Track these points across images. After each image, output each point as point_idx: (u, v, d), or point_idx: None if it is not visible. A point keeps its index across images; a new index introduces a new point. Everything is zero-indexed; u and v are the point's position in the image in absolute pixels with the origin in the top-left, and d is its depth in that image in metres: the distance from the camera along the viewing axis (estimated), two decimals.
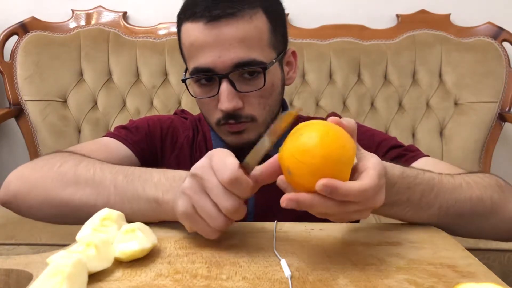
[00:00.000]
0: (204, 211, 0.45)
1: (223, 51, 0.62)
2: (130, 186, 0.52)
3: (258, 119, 0.67)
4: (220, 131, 0.69)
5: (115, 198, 0.53)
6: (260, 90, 0.65)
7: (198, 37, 0.63)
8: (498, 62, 1.58)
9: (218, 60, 0.63)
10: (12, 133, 1.67)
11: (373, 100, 1.60)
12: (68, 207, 0.56)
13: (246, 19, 0.63)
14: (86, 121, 1.55)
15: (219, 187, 0.43)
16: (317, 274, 0.43)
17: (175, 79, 1.57)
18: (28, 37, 1.55)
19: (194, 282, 0.41)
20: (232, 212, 0.44)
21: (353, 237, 0.52)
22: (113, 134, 0.73)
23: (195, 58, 0.65)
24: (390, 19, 1.66)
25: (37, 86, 1.53)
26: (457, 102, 1.59)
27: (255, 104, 0.66)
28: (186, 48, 0.67)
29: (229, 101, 0.63)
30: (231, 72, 0.63)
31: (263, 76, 0.65)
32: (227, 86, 0.63)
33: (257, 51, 0.64)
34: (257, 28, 0.64)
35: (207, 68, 0.64)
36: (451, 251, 0.49)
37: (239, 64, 0.63)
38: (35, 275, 0.41)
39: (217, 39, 0.62)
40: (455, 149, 1.57)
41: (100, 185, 0.54)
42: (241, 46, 0.63)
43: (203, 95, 0.67)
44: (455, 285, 0.37)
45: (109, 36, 1.58)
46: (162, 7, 1.66)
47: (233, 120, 0.65)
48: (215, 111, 0.67)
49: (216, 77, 0.64)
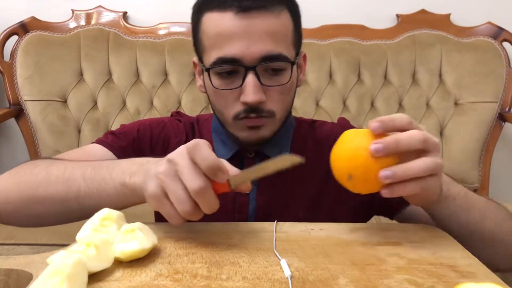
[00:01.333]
0: (173, 194, 0.45)
1: (252, 42, 0.62)
2: (97, 175, 0.54)
3: (277, 115, 0.66)
4: (235, 126, 0.67)
5: (84, 189, 0.54)
6: (282, 86, 0.65)
7: (227, 26, 0.62)
8: (498, 62, 1.58)
9: (246, 51, 0.62)
10: (12, 133, 1.67)
11: (373, 100, 1.60)
12: (41, 204, 0.57)
13: (275, 13, 0.63)
14: (86, 121, 1.55)
15: (191, 168, 0.45)
16: (317, 274, 0.43)
17: (175, 79, 1.57)
18: (28, 37, 1.55)
19: (194, 282, 0.41)
20: (200, 194, 0.44)
21: (353, 237, 0.52)
22: (101, 140, 0.73)
23: (220, 48, 0.63)
24: (390, 19, 1.66)
25: (37, 86, 1.53)
26: (457, 102, 1.59)
27: (276, 100, 0.65)
28: (210, 37, 0.65)
29: (255, 93, 0.62)
30: (258, 64, 0.62)
31: (287, 72, 0.65)
32: (254, 78, 0.62)
33: (284, 47, 0.64)
34: (284, 25, 0.65)
35: (234, 58, 0.62)
36: (451, 251, 0.49)
37: (267, 57, 0.62)
38: (35, 275, 0.41)
39: (247, 30, 0.61)
40: (455, 149, 1.57)
41: (70, 179, 0.55)
42: (270, 39, 0.62)
43: (224, 87, 0.65)
44: (455, 285, 0.37)
45: (109, 36, 1.58)
46: (162, 7, 1.66)
47: (255, 114, 0.64)
48: (235, 104, 0.65)
49: (242, 69, 0.63)
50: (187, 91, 1.57)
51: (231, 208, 0.70)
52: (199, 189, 0.44)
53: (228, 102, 0.66)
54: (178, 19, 1.62)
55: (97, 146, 0.71)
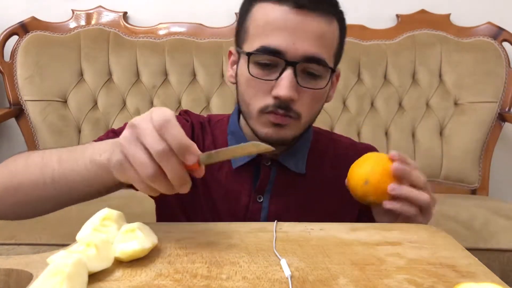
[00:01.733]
0: (134, 158, 0.44)
1: (299, 39, 0.61)
2: (71, 157, 0.53)
3: (303, 119, 0.65)
4: (259, 120, 0.65)
5: (58, 171, 0.54)
6: (314, 92, 0.64)
7: (279, 18, 0.62)
8: (498, 62, 1.58)
9: (292, 46, 0.61)
10: (12, 133, 1.67)
11: (373, 100, 1.60)
12: (20, 191, 0.56)
13: (327, 20, 0.63)
14: (86, 121, 1.55)
15: (153, 131, 0.43)
16: (317, 274, 0.43)
17: (175, 79, 1.57)
18: (28, 37, 1.55)
19: (194, 282, 0.41)
20: (163, 157, 0.42)
21: (353, 237, 0.52)
22: (101, 138, 0.72)
23: (265, 37, 0.63)
24: (390, 19, 1.66)
25: (37, 86, 1.53)
26: (457, 102, 1.59)
27: (305, 104, 0.64)
28: (258, 25, 0.64)
29: (289, 89, 0.61)
30: (299, 62, 0.62)
31: (323, 80, 0.65)
32: (292, 74, 0.62)
33: (327, 54, 0.64)
34: (333, 34, 0.65)
35: (278, 50, 0.62)
36: (451, 251, 0.49)
37: (310, 57, 0.62)
38: (35, 275, 0.41)
39: (298, 26, 0.61)
40: (455, 149, 1.57)
41: (46, 165, 0.55)
42: (316, 41, 0.62)
43: (260, 76, 0.64)
44: (455, 285, 0.37)
45: (109, 36, 1.58)
46: (162, 7, 1.66)
47: (283, 111, 0.63)
48: (265, 97, 0.64)
49: (282, 62, 0.62)
50: (187, 91, 1.57)
51: (243, 214, 0.70)
52: (161, 151, 0.42)
53: (258, 93, 0.64)
54: (178, 19, 1.62)
55: None
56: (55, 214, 0.59)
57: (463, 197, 1.51)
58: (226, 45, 1.58)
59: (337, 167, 0.74)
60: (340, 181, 0.63)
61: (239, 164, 0.71)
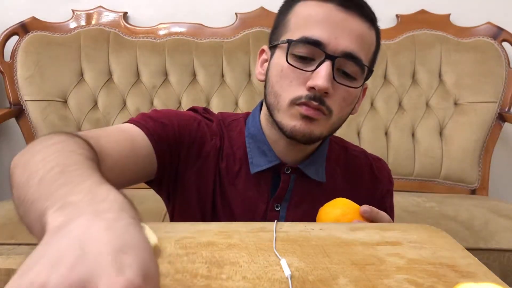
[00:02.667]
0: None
1: (342, 34, 0.62)
2: (45, 189, 0.34)
3: (333, 117, 0.65)
4: (289, 112, 0.64)
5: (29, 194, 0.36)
6: (347, 91, 0.64)
7: (323, 13, 0.63)
8: (498, 62, 1.58)
9: (334, 40, 0.62)
10: (13, 133, 1.67)
11: (373, 100, 1.60)
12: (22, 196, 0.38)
13: (368, 24, 0.65)
14: (87, 121, 1.55)
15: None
16: (317, 274, 0.43)
17: (175, 79, 1.57)
18: (28, 37, 1.55)
19: (194, 282, 0.41)
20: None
21: (353, 237, 0.52)
22: (139, 122, 0.64)
23: (307, 29, 0.63)
24: (390, 19, 1.66)
25: (38, 86, 1.53)
26: (457, 102, 1.59)
27: (338, 101, 0.64)
28: (301, 18, 0.64)
29: (326, 80, 0.60)
30: (339, 56, 0.62)
31: (357, 81, 0.65)
32: (330, 67, 0.61)
33: (365, 56, 0.65)
34: (372, 39, 0.66)
35: (319, 41, 0.61)
36: (451, 251, 0.49)
37: (350, 54, 0.62)
38: None
39: (341, 23, 0.62)
40: (454, 149, 1.57)
41: (36, 171, 0.38)
42: (357, 41, 0.63)
43: (297, 66, 0.63)
44: (455, 285, 0.37)
45: (109, 36, 1.58)
46: (162, 7, 1.66)
47: (317, 103, 0.62)
48: (299, 88, 0.63)
49: (322, 54, 0.62)
50: (187, 91, 1.57)
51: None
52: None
53: (292, 84, 0.63)
54: (178, 19, 1.62)
55: (136, 130, 0.62)
56: None
57: (463, 197, 1.51)
58: (226, 45, 1.58)
59: (349, 175, 0.74)
60: (352, 190, 0.65)
61: (257, 170, 0.69)
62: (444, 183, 1.58)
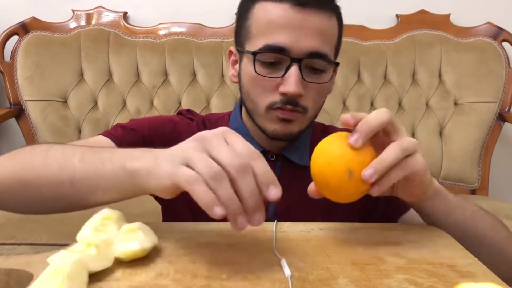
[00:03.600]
0: (207, 172, 0.39)
1: (303, 36, 0.63)
2: (96, 158, 0.49)
3: (309, 113, 0.67)
4: (267, 117, 0.67)
5: (80, 172, 0.49)
6: (319, 86, 0.66)
7: (282, 16, 0.63)
8: (498, 62, 1.58)
9: (296, 43, 0.63)
10: (13, 133, 1.67)
11: (373, 100, 1.60)
12: (35, 188, 0.52)
13: (327, 15, 0.65)
14: (87, 121, 1.55)
15: (227, 146, 0.41)
16: (317, 274, 0.43)
17: (175, 79, 1.57)
18: (28, 37, 1.55)
19: (194, 282, 0.41)
20: (240, 171, 0.39)
21: (353, 237, 0.52)
22: (109, 132, 0.70)
23: (269, 35, 0.64)
24: (390, 19, 1.66)
25: (38, 86, 1.53)
26: (457, 102, 1.59)
27: (311, 98, 0.66)
28: (260, 24, 0.65)
29: (297, 85, 0.63)
30: (304, 58, 0.63)
31: (327, 74, 0.66)
32: (298, 71, 0.63)
33: (329, 49, 0.66)
34: (333, 29, 0.66)
35: (282, 47, 0.63)
36: (451, 251, 0.49)
37: (314, 53, 0.63)
38: (35, 275, 0.41)
39: (301, 24, 0.63)
40: (455, 149, 1.57)
41: (66, 161, 0.50)
42: (320, 37, 0.63)
43: (266, 74, 0.65)
44: (455, 285, 0.37)
45: (109, 36, 1.58)
46: (162, 7, 1.66)
47: (291, 106, 0.64)
48: (272, 94, 0.65)
49: (287, 60, 0.63)
50: (187, 91, 1.57)
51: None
52: (240, 165, 0.39)
53: (265, 90, 0.66)
54: (178, 19, 1.62)
55: (103, 138, 0.68)
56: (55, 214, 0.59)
57: (463, 197, 1.51)
58: (226, 45, 1.58)
59: None
60: None
61: None
62: (444, 183, 1.58)
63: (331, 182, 0.47)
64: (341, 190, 0.47)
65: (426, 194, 0.53)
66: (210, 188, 0.39)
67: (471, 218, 0.58)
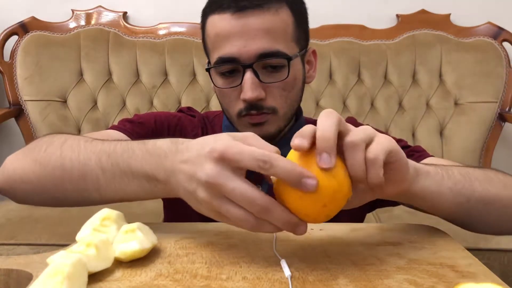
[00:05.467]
0: (231, 216, 0.40)
1: (249, 40, 0.63)
2: (116, 169, 0.49)
3: (280, 111, 0.67)
4: (240, 124, 0.69)
5: (105, 183, 0.50)
6: (282, 82, 0.66)
7: (225, 27, 0.64)
8: (498, 62, 1.58)
9: (243, 49, 0.63)
10: (12, 133, 1.67)
11: (373, 100, 1.60)
12: (58, 190, 0.54)
13: (272, 11, 0.64)
14: (86, 121, 1.55)
15: (242, 185, 0.40)
16: (317, 274, 0.43)
17: (175, 79, 1.57)
18: (28, 37, 1.55)
19: (194, 282, 0.41)
20: (262, 214, 0.40)
21: (353, 237, 0.52)
22: (118, 127, 0.71)
23: (219, 48, 0.65)
24: (390, 19, 1.66)
25: (37, 86, 1.53)
26: (457, 102, 1.59)
27: (277, 96, 0.66)
28: (211, 39, 0.67)
29: (252, 90, 0.64)
30: (255, 62, 0.64)
31: (286, 69, 0.66)
32: (251, 76, 0.64)
33: (282, 44, 0.65)
34: (283, 21, 0.66)
35: (232, 57, 0.64)
36: (451, 251, 0.49)
37: (264, 54, 0.64)
38: (35, 275, 0.41)
39: (243, 29, 0.63)
40: (455, 149, 1.57)
41: (86, 167, 0.51)
42: (266, 37, 0.64)
43: (226, 85, 0.67)
44: (455, 285, 0.37)
45: (109, 36, 1.58)
46: (162, 7, 1.66)
47: (255, 111, 0.65)
48: (237, 102, 0.67)
49: (240, 67, 0.65)
50: (187, 91, 1.57)
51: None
52: (260, 210, 0.39)
53: (231, 100, 0.68)
54: (178, 19, 1.62)
55: (115, 132, 0.69)
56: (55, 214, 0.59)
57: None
58: None
59: None
60: None
61: None
62: None
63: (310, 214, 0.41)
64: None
65: (409, 173, 0.47)
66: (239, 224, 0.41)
67: (468, 181, 0.54)
